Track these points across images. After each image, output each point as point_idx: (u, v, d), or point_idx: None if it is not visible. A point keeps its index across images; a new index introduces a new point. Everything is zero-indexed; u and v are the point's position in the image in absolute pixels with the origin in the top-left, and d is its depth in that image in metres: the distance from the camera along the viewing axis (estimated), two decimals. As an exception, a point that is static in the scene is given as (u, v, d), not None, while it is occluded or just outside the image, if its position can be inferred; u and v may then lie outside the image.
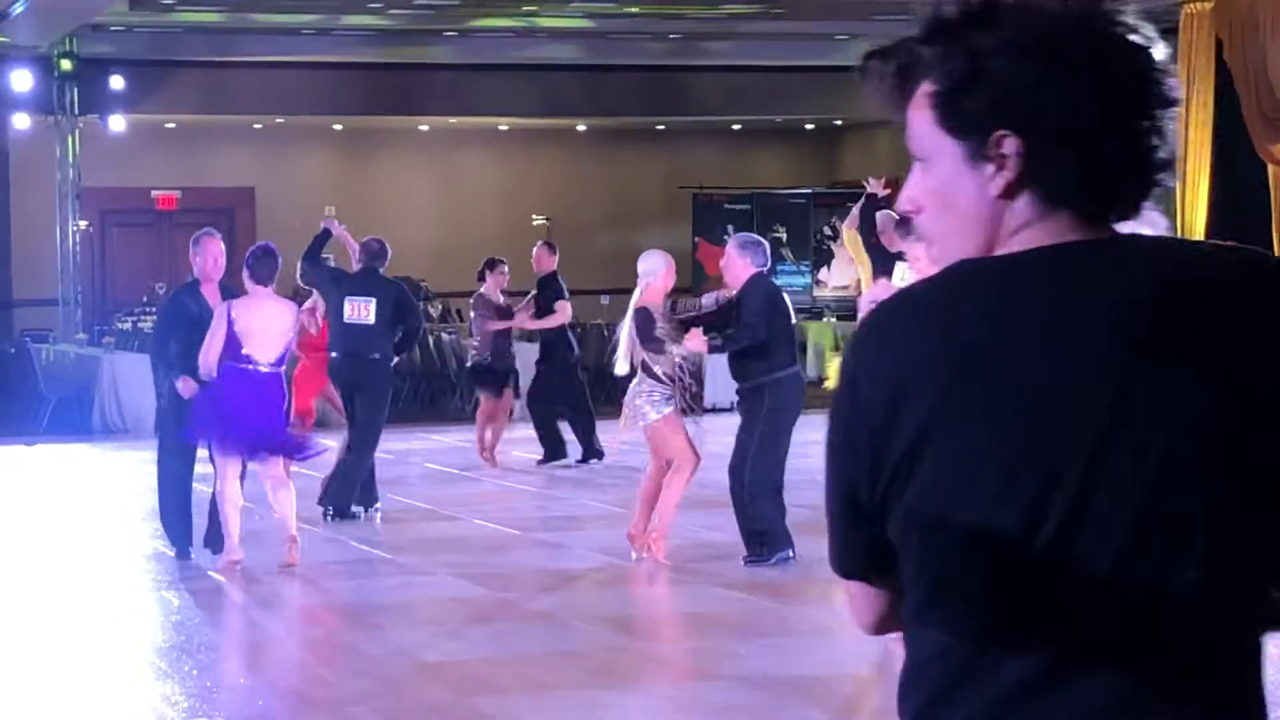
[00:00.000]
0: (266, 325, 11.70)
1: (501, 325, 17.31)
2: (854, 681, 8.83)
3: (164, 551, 12.56)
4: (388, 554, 12.67)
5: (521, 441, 18.16)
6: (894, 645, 4.28)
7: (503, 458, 17.45)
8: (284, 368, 11.99)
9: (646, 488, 11.91)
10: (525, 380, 18.15)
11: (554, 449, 17.44)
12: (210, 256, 12.14)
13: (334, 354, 14.18)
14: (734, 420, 12.02)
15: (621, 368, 11.84)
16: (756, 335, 11.40)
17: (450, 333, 24.24)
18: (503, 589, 11.36)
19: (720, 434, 13.00)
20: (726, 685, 8.75)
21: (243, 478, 11.97)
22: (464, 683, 8.86)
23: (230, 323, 11.56)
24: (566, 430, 17.49)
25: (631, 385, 11.81)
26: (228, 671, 9.50)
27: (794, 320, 12.21)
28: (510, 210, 28.64)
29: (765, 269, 11.77)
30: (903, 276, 14.28)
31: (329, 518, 13.85)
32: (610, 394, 23.59)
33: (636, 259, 12.06)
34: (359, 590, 11.49)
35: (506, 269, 17.73)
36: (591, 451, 17.45)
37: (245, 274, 11.93)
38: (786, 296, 12.21)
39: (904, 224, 14.52)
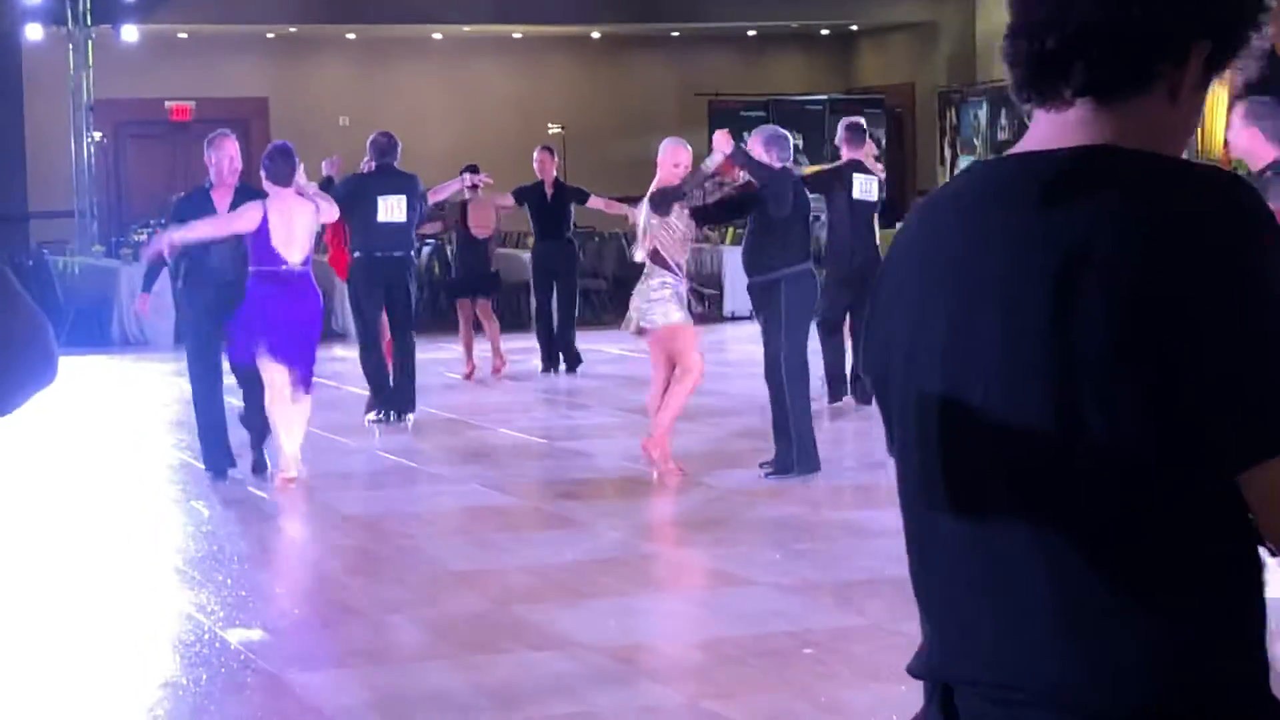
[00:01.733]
0: (291, 225, 11.62)
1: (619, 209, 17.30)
2: (891, 586, 8.80)
3: (191, 463, 12.54)
4: (416, 463, 12.65)
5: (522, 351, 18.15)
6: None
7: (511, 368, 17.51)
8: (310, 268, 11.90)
9: (652, 398, 11.79)
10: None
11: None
12: (226, 156, 12.01)
13: (359, 254, 14.10)
14: (752, 328, 11.99)
15: (639, 255, 11.67)
16: (782, 209, 11.27)
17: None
18: (532, 498, 11.34)
19: (740, 342, 12.97)
20: (764, 591, 8.73)
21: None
22: (501, 591, 8.84)
23: (265, 221, 11.48)
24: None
25: (640, 284, 11.61)
26: (262, 581, 9.48)
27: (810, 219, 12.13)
28: (525, 119, 28.49)
29: (789, 163, 11.65)
30: (862, 187, 14.32)
31: (393, 418, 13.80)
32: (627, 302, 23.58)
33: (651, 167, 11.92)
34: (389, 500, 11.47)
35: (479, 177, 17.55)
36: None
37: (263, 175, 11.81)
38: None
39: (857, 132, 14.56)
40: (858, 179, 14.30)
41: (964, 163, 27.39)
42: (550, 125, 27.33)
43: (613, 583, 9.02)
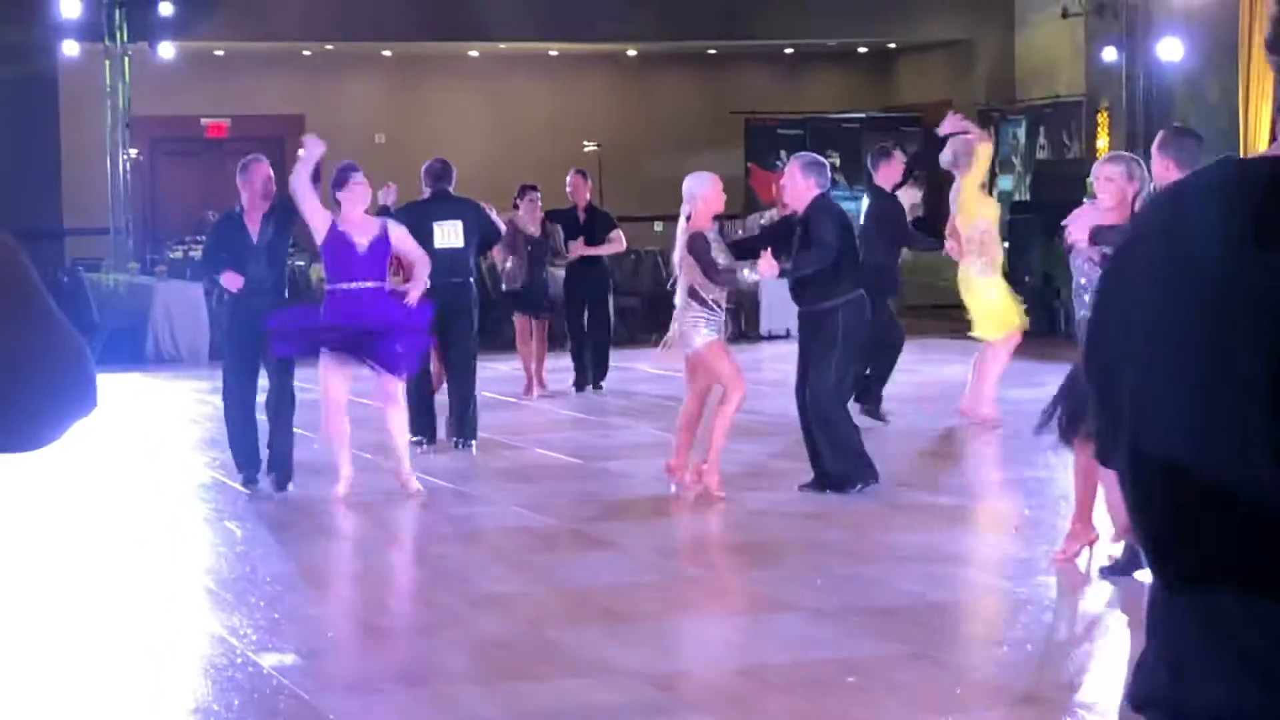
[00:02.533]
0: (360, 242, 11.62)
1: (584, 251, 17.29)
2: (933, 611, 8.66)
3: (224, 481, 12.45)
4: (452, 484, 12.53)
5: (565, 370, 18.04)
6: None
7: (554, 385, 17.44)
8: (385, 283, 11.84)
9: (684, 418, 11.66)
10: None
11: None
12: (260, 179, 11.98)
13: None
14: (788, 347, 11.84)
15: (678, 294, 11.54)
16: (826, 257, 11.17)
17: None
18: (568, 519, 11.20)
19: (777, 361, 12.83)
20: (804, 617, 8.59)
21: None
22: (535, 614, 8.72)
23: (334, 238, 11.49)
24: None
25: (677, 311, 11.51)
26: (295, 603, 9.35)
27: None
28: (561, 137, 28.37)
29: (827, 190, 11.53)
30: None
31: (461, 445, 13.78)
32: (664, 321, 23.46)
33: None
34: (424, 521, 11.36)
35: (539, 196, 17.56)
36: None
37: (334, 192, 11.84)
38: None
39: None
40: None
41: (1003, 183, 27.25)
42: (586, 143, 27.22)
43: (650, 606, 8.90)
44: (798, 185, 11.43)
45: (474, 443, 13.81)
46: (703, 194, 11.33)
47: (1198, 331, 2.06)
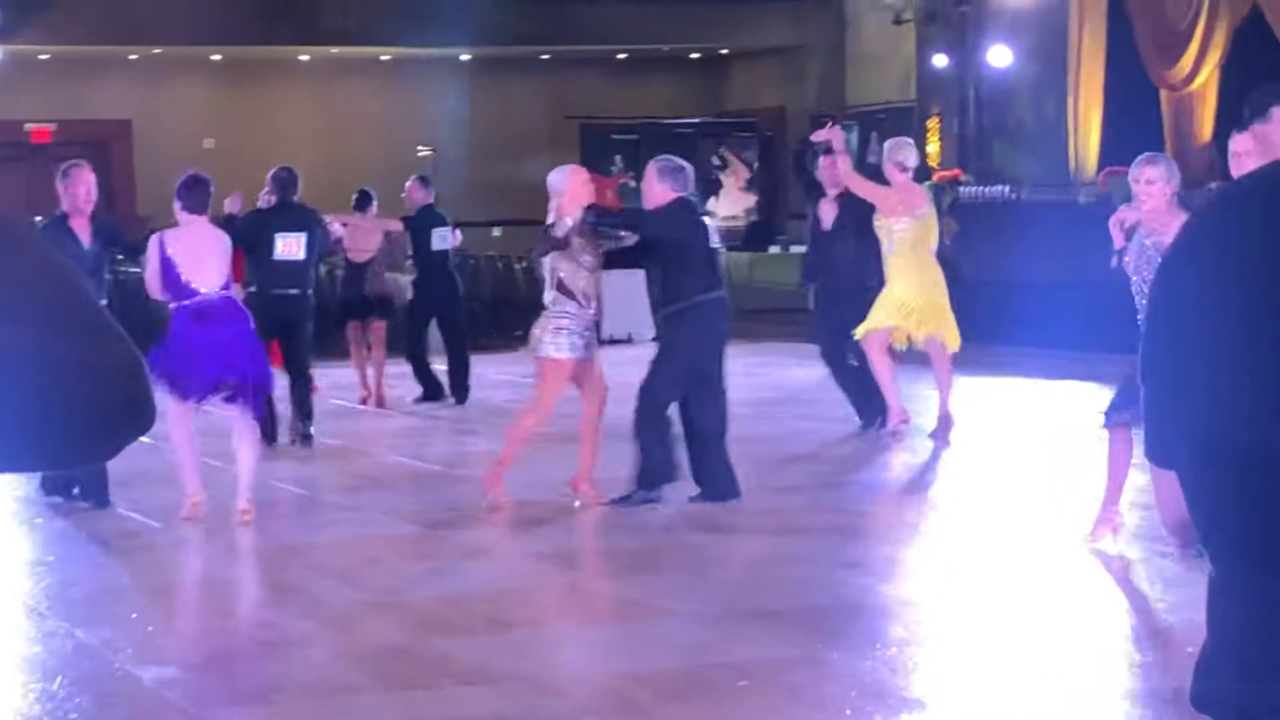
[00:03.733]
0: (203, 251, 11.28)
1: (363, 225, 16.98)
2: (816, 614, 8.67)
3: (79, 502, 12.16)
4: (311, 492, 12.38)
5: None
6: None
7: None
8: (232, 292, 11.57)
9: (580, 426, 11.52)
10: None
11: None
12: (83, 186, 11.69)
13: (255, 289, 13.86)
14: (633, 351, 11.81)
15: (548, 296, 11.39)
16: (635, 224, 11.18)
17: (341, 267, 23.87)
18: (437, 527, 11.10)
19: (621, 366, 12.75)
20: (688, 621, 8.57)
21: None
22: (418, 623, 8.61)
23: (163, 254, 11.14)
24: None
25: (545, 310, 11.33)
26: (167, 616, 9.17)
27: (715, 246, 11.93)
28: (394, 142, 28.23)
29: (687, 193, 11.47)
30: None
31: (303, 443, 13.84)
32: (506, 326, 23.36)
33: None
34: (290, 531, 11.21)
35: (375, 207, 17.37)
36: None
37: (177, 205, 11.49)
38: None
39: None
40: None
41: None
42: (420, 148, 27.11)
43: (533, 613, 8.84)
44: (654, 189, 11.39)
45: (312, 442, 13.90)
46: (568, 188, 11.19)
47: (1268, 327, 2.07)
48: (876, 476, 12.80)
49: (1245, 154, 8.11)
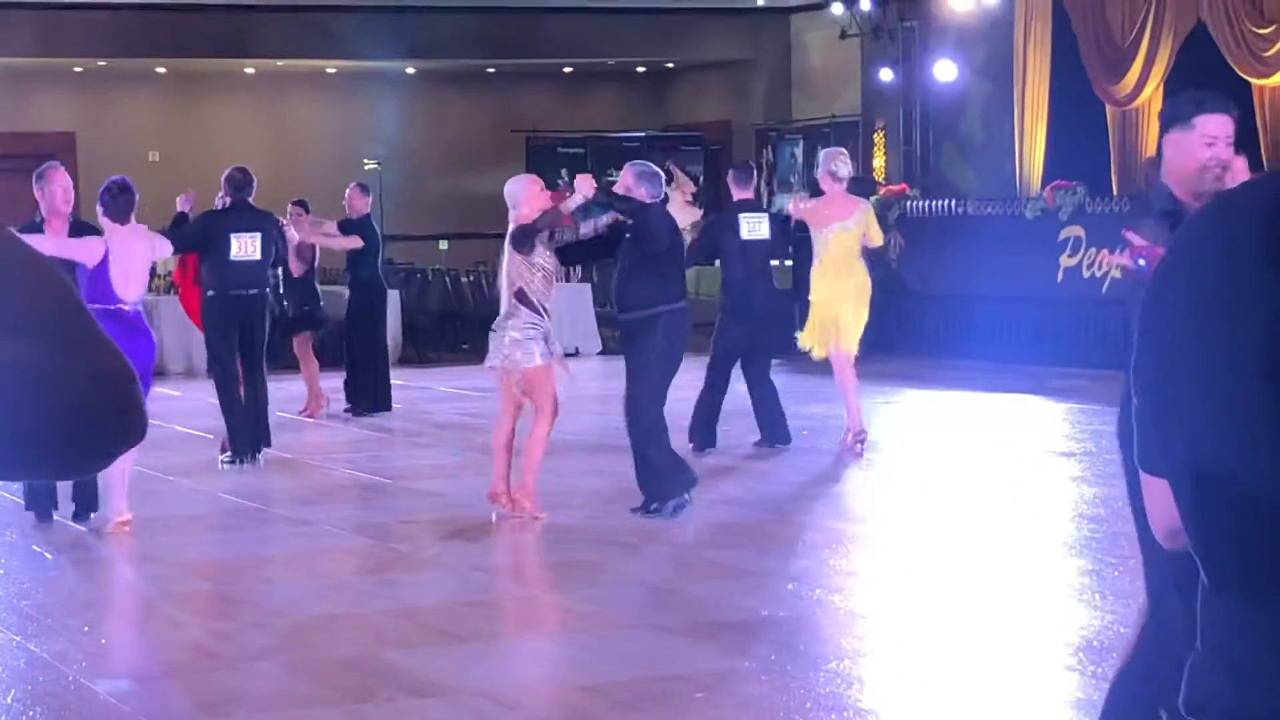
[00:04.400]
0: (130, 262, 11.27)
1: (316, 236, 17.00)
2: (767, 626, 8.70)
3: (18, 502, 12.11)
4: (260, 504, 12.35)
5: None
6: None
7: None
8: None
9: (499, 437, 11.42)
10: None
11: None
12: (60, 188, 11.66)
13: (212, 292, 13.81)
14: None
15: (503, 299, 11.36)
16: (650, 222, 11.18)
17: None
18: (387, 539, 11.10)
19: (585, 377, 12.82)
20: (641, 634, 8.58)
21: None
22: (369, 636, 8.61)
23: (106, 258, 11.11)
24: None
25: (499, 321, 11.32)
26: (120, 628, 9.17)
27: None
28: (341, 155, 28.16)
29: (660, 199, 11.53)
30: (750, 227, 14.20)
31: (245, 462, 13.61)
32: (453, 340, 23.35)
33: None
34: (239, 543, 11.17)
35: (304, 212, 17.38)
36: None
37: (100, 211, 11.45)
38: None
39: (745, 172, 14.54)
40: (745, 220, 14.11)
41: (781, 201, 27.46)
42: (366, 161, 27.06)
43: (484, 626, 8.84)
44: (630, 193, 11.41)
45: (261, 457, 13.81)
46: (524, 197, 11.22)
47: (1253, 347, 2.07)
48: (825, 490, 12.84)
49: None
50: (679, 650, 8.22)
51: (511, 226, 11.19)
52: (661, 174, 11.77)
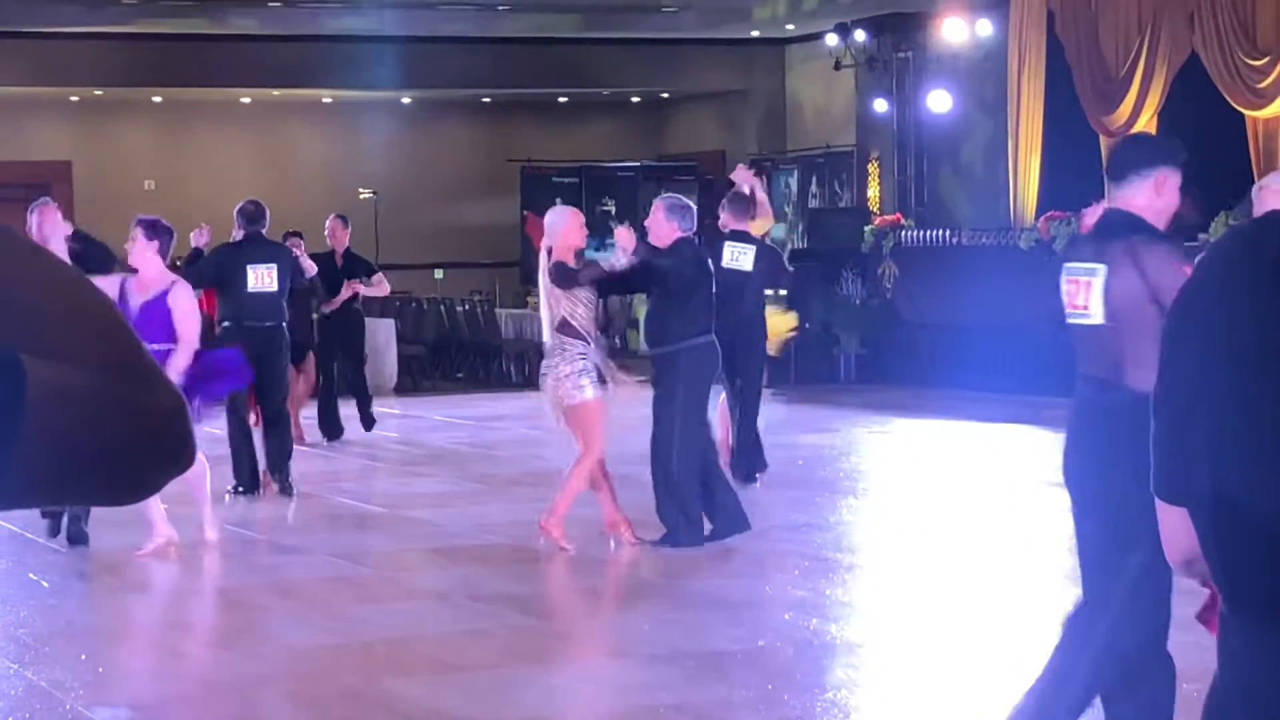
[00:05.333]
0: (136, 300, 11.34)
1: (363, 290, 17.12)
2: (764, 656, 8.73)
3: (20, 533, 12.14)
4: (258, 534, 12.38)
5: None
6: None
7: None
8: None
9: (594, 471, 11.24)
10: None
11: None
12: (50, 224, 11.71)
13: (228, 323, 13.79)
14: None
15: (547, 335, 11.38)
16: (665, 267, 11.21)
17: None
18: (384, 568, 11.12)
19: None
20: (639, 663, 8.61)
21: None
22: (369, 665, 8.64)
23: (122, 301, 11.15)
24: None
25: (545, 362, 11.26)
26: (120, 657, 9.18)
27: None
28: (336, 184, 28.20)
29: (691, 233, 11.57)
30: (733, 255, 14.19)
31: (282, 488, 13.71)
32: (447, 369, 23.38)
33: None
34: (237, 572, 11.20)
35: (302, 242, 17.40)
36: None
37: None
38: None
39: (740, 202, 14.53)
40: (730, 247, 14.06)
41: (777, 231, 27.54)
42: (361, 190, 27.14)
43: (483, 656, 8.86)
44: (661, 227, 11.45)
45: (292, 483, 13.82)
46: (562, 229, 11.27)
47: (1277, 374, 2.09)
48: (821, 520, 12.86)
49: None
50: (676, 680, 8.25)
51: (546, 259, 11.18)
52: (693, 207, 11.80)
